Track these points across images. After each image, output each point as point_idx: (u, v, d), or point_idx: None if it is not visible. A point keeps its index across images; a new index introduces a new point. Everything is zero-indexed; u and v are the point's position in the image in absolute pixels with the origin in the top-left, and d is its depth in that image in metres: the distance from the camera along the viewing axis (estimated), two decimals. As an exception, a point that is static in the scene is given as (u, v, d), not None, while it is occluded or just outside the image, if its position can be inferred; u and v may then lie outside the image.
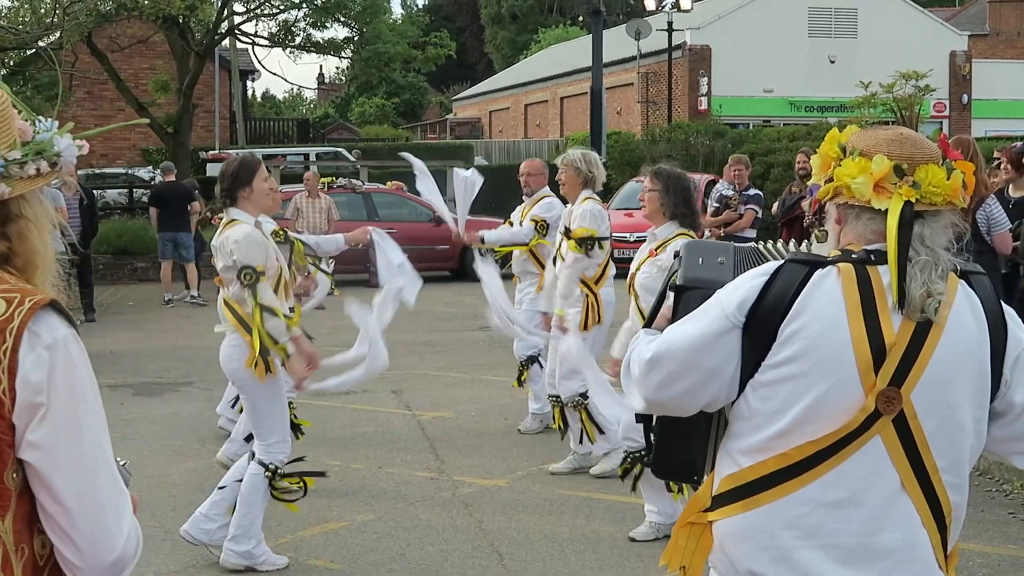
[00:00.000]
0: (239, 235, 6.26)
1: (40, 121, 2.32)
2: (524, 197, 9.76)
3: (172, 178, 19.60)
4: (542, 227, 9.31)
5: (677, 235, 6.74)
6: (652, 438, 3.01)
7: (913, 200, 2.63)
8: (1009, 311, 2.73)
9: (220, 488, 6.64)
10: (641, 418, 3.02)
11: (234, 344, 6.41)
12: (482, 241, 9.42)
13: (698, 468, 2.97)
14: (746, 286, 2.67)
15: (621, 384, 2.99)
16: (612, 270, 8.58)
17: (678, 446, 2.95)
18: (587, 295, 8.30)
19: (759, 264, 2.86)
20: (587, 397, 8.35)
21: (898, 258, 2.58)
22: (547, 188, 9.66)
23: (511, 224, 9.73)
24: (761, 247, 2.98)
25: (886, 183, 2.64)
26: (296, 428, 7.41)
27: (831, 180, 2.72)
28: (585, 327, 8.31)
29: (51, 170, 2.30)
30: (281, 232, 7.89)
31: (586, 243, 8.26)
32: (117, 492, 2.20)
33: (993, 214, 8.57)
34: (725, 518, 2.73)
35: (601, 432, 8.26)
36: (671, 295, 2.92)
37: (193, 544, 6.61)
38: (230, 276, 6.35)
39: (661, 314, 2.96)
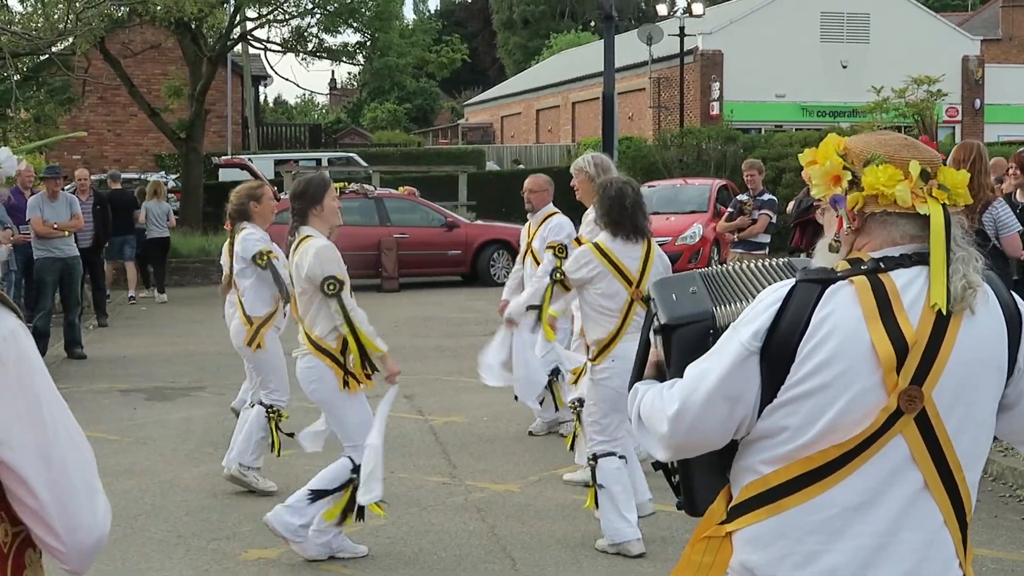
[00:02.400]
0: (319, 247, 6.46)
1: None
2: (528, 215, 9.68)
3: (119, 186, 20.99)
4: (561, 251, 8.82)
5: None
6: (675, 480, 3.00)
7: (945, 203, 2.65)
8: (1022, 301, 2.74)
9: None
10: (659, 464, 3.00)
11: (310, 366, 6.61)
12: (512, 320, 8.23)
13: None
14: (760, 315, 2.66)
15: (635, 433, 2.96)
16: None
17: (707, 482, 2.92)
18: None
19: (731, 284, 2.87)
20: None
21: (946, 261, 2.60)
22: (551, 205, 9.54)
23: (520, 245, 9.69)
24: (729, 267, 2.96)
25: (915, 189, 2.65)
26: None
27: (854, 188, 2.69)
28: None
29: None
30: (264, 257, 7.98)
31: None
32: (89, 474, 2.23)
33: (1000, 216, 8.48)
34: (747, 526, 2.70)
35: None
36: (657, 339, 2.88)
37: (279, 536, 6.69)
38: (309, 294, 6.53)
39: (651, 363, 2.94)
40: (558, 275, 7.22)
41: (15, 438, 2.14)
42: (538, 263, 9.27)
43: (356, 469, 6.55)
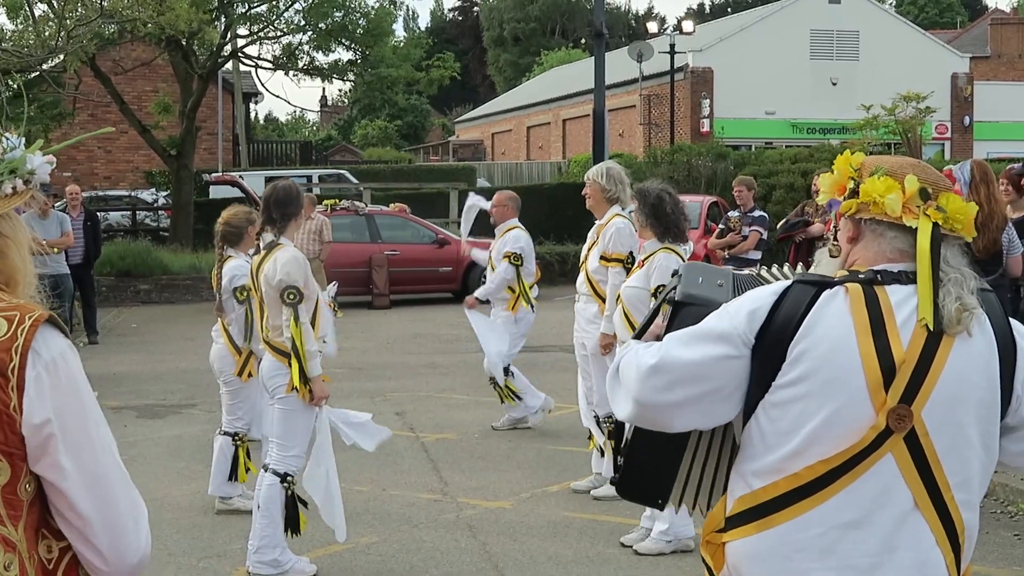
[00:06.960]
0: (289, 256, 6.52)
1: (7, 138, 2.30)
2: (495, 231, 10.73)
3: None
4: (516, 259, 10.46)
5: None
6: (620, 459, 3.04)
7: (939, 223, 2.66)
8: (1017, 326, 2.74)
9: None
10: (615, 435, 3.06)
11: (273, 361, 6.65)
12: (479, 300, 10.63)
13: (661, 494, 3.01)
14: (756, 306, 2.67)
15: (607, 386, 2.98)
16: None
17: (647, 471, 2.99)
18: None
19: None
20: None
21: (932, 275, 2.60)
22: (514, 220, 10.64)
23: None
24: (764, 272, 2.98)
25: (911, 204, 2.67)
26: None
27: (854, 195, 2.72)
28: None
29: (26, 188, 2.29)
30: (244, 292, 7.89)
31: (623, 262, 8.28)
32: (132, 495, 2.28)
33: (1012, 237, 8.62)
34: (739, 539, 2.72)
35: None
36: (668, 308, 2.91)
37: None
38: (273, 296, 6.57)
39: (652, 330, 2.95)
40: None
41: (62, 457, 2.18)
42: (494, 268, 10.65)
43: (284, 477, 6.60)
